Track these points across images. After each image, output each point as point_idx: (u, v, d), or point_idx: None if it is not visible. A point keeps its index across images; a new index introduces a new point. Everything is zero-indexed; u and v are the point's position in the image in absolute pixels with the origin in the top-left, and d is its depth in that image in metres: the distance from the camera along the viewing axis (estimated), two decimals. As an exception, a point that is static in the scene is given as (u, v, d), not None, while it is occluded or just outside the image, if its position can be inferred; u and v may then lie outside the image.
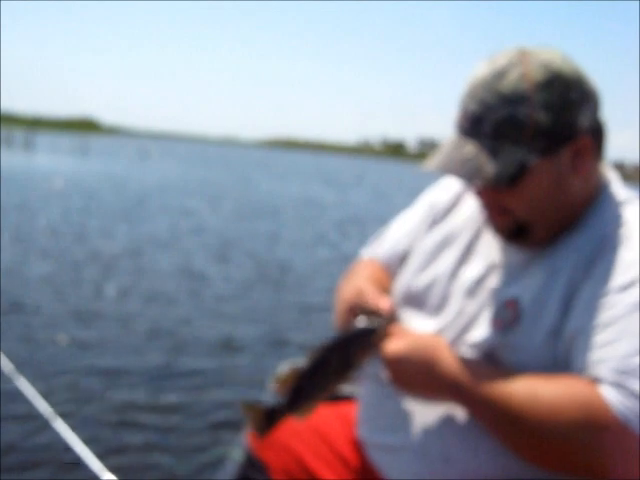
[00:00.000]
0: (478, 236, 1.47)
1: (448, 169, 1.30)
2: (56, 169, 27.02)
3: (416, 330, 1.41)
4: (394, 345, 1.33)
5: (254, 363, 5.50)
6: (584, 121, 1.28)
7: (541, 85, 1.24)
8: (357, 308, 1.43)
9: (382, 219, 1.77)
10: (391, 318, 1.40)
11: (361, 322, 1.37)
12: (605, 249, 1.28)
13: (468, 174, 1.27)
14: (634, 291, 1.22)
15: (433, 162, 1.32)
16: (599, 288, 1.25)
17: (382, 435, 1.44)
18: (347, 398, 1.76)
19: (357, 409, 1.55)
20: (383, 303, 1.41)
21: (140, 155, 53.05)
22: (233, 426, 3.92)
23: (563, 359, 1.25)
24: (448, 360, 1.30)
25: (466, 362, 1.30)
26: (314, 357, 1.34)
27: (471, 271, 1.43)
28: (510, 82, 1.25)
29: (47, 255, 9.21)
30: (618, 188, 1.38)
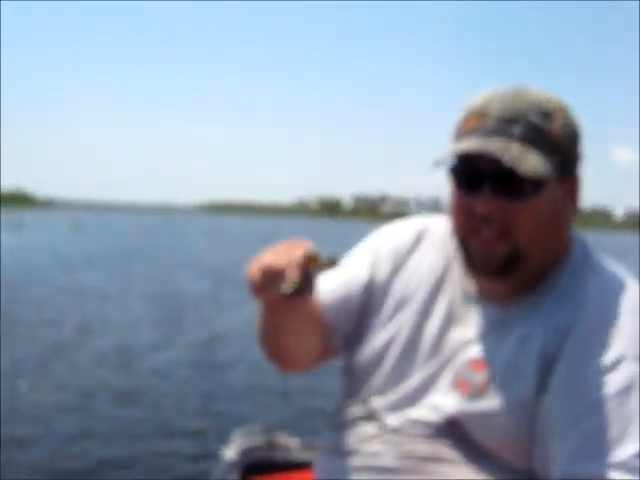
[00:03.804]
0: (439, 288, 1.38)
1: (488, 149, 1.20)
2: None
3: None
4: None
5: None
6: (579, 165, 1.28)
7: (563, 109, 1.25)
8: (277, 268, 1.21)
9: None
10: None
11: None
12: (583, 322, 1.22)
13: (512, 158, 1.18)
14: (617, 375, 1.17)
15: (465, 145, 1.23)
16: (581, 367, 1.19)
17: None
18: (304, 465, 1.78)
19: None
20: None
21: (74, 228, 52.21)
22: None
23: (540, 433, 1.20)
24: None
25: None
26: None
27: (432, 326, 1.35)
28: (538, 96, 1.24)
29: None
30: (589, 249, 1.34)
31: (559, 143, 1.22)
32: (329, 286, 1.45)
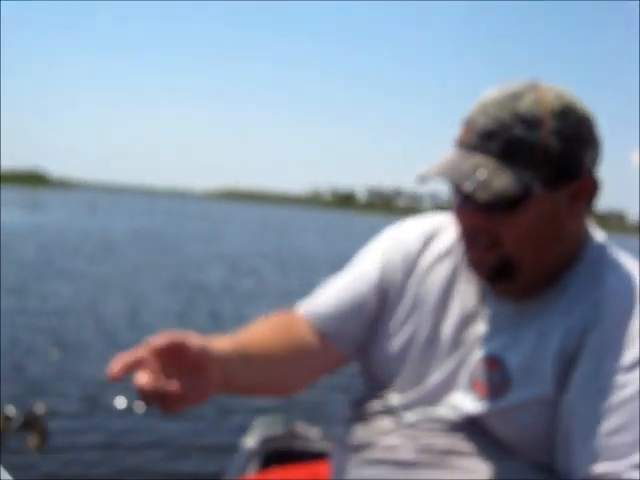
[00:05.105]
0: (452, 287, 1.37)
1: (452, 177, 1.21)
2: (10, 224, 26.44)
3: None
4: None
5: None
6: (588, 162, 1.23)
7: (555, 112, 1.20)
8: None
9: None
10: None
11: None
12: (603, 319, 1.21)
13: (475, 183, 1.17)
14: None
15: (432, 169, 1.23)
16: (604, 365, 1.18)
17: None
18: (324, 455, 1.80)
19: (330, 471, 1.43)
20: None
21: (89, 209, 52.53)
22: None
23: (561, 430, 1.20)
24: None
25: None
26: None
27: (448, 325, 1.34)
28: (526, 104, 1.19)
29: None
30: (606, 245, 1.32)
31: (549, 151, 1.18)
32: (333, 293, 1.43)
